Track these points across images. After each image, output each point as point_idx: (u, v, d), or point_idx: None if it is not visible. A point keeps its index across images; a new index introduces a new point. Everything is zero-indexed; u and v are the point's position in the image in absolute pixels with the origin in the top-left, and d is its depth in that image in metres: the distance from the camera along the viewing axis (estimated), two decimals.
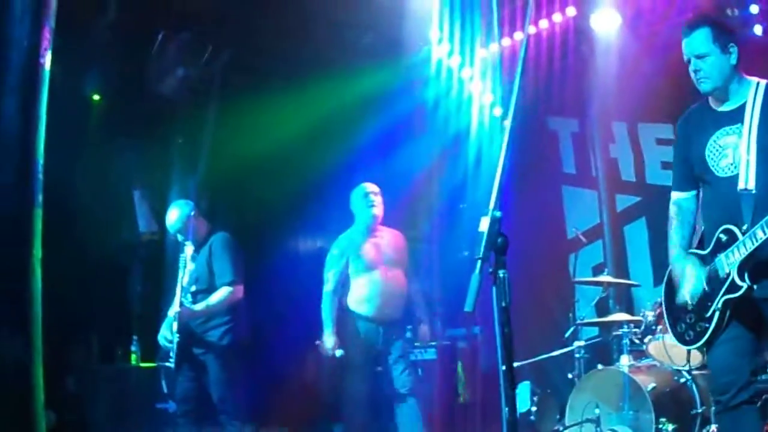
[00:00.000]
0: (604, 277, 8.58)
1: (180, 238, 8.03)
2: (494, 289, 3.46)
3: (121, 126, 9.75)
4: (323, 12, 9.60)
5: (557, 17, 9.86)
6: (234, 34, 9.67)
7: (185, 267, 7.66)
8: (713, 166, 4.98)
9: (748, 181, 4.78)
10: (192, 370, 7.75)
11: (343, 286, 8.31)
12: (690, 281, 5.02)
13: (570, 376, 8.26)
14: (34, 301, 4.04)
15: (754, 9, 8.84)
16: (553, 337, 9.79)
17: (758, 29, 8.88)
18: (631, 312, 8.62)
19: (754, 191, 4.75)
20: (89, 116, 9.62)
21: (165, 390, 8.10)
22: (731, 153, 4.88)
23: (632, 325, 7.64)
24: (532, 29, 9.68)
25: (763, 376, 6.66)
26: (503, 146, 3.65)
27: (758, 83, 4.97)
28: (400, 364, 8.24)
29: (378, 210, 8.31)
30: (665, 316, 5.45)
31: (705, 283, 4.92)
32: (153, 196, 10.35)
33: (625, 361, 7.37)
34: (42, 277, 4.27)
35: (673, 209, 5.30)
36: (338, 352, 8.17)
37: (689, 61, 4.98)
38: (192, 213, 7.95)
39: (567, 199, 11.44)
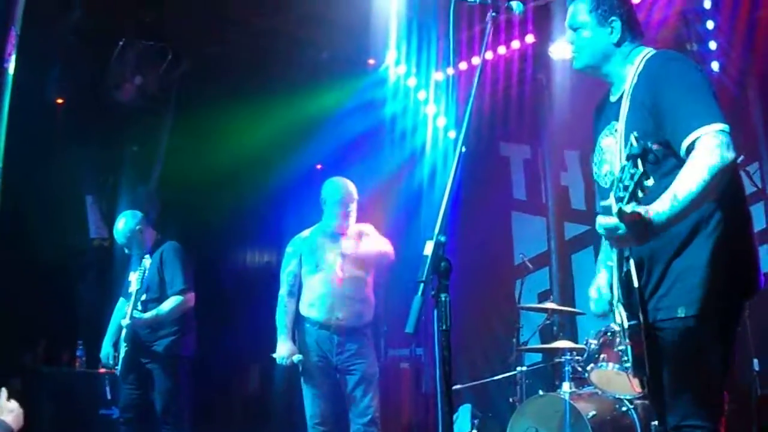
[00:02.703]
0: (550, 304, 8.50)
1: (126, 250, 8.07)
2: (435, 312, 3.47)
3: (76, 131, 9.73)
4: (284, 29, 9.70)
5: (515, 44, 9.98)
6: (194, 45, 9.71)
7: (141, 278, 7.58)
8: (597, 176, 4.25)
9: None
10: (137, 378, 7.75)
11: (299, 288, 7.38)
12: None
13: (511, 400, 8.28)
14: None
15: (713, 45, 9.05)
16: (496, 361, 9.88)
17: (715, 65, 9.08)
18: (574, 340, 8.62)
19: None
20: (47, 119, 9.56)
21: (108, 396, 8.08)
22: (610, 159, 4.09)
23: (575, 352, 7.62)
24: (489, 55, 9.77)
25: None
26: (452, 173, 3.68)
27: (642, 58, 4.08)
28: (361, 390, 7.21)
29: (345, 225, 7.44)
30: None
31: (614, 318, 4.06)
32: (105, 203, 10.33)
33: (566, 387, 7.31)
34: None
35: None
36: (296, 357, 7.14)
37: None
38: (138, 226, 8.00)
39: (516, 225, 11.53)
